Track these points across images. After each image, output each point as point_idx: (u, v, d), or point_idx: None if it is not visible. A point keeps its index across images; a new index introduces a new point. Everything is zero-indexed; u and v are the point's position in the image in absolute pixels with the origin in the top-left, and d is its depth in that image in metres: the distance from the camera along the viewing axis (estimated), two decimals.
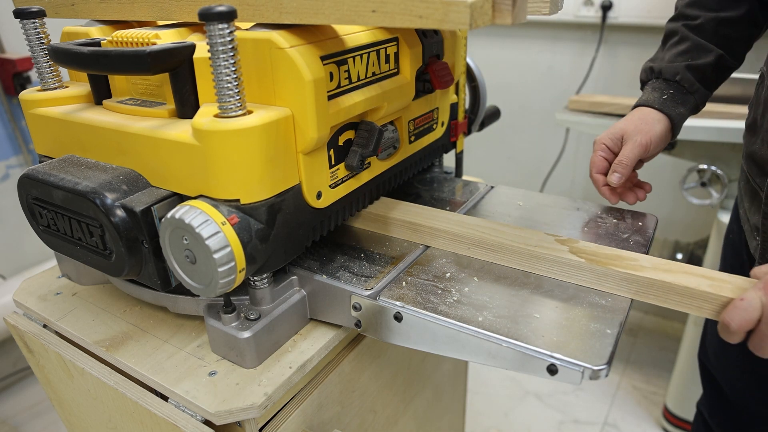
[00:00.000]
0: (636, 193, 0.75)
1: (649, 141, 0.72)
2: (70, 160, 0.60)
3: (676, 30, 0.80)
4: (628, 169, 0.71)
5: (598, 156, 0.75)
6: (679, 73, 0.77)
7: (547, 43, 1.90)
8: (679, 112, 0.76)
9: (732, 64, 0.79)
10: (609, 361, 0.47)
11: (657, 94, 0.77)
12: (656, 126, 0.74)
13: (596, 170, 0.75)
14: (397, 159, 0.70)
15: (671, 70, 0.78)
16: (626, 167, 0.71)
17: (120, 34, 0.59)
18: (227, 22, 0.45)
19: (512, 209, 0.76)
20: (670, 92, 0.77)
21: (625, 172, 0.71)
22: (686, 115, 0.77)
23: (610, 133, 0.75)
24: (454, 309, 0.54)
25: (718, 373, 0.89)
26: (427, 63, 0.67)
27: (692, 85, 0.77)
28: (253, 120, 0.48)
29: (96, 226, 0.54)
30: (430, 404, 0.94)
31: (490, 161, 2.20)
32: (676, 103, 0.76)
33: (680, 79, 0.77)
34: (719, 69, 0.78)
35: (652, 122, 0.74)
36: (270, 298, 0.58)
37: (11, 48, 1.64)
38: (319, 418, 0.63)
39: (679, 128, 0.77)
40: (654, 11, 1.62)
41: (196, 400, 0.53)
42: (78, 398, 0.70)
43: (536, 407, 1.64)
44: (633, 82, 1.76)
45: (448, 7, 0.41)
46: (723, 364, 0.88)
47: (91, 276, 0.72)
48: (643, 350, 1.83)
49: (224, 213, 0.49)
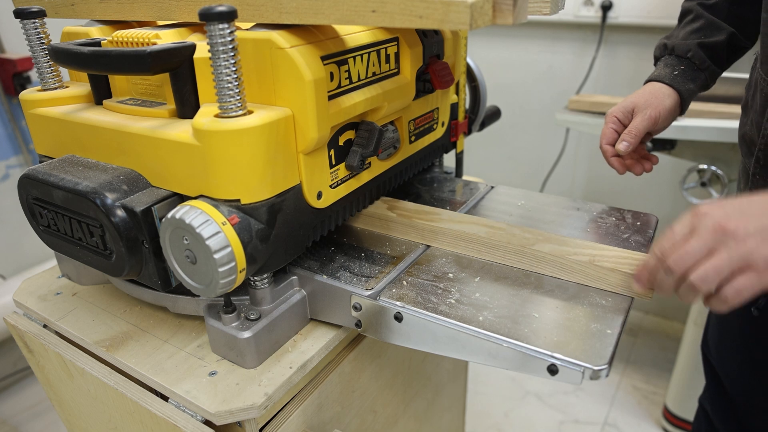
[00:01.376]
0: (643, 164, 0.78)
1: (658, 114, 0.74)
2: (70, 160, 0.60)
3: (691, 8, 0.83)
4: (636, 139, 0.74)
5: (609, 128, 0.77)
6: (691, 50, 0.79)
7: (547, 43, 1.90)
8: (689, 88, 0.78)
9: (744, 44, 0.81)
10: (609, 361, 0.47)
11: (668, 70, 0.79)
12: (666, 100, 0.76)
13: (606, 141, 0.77)
14: (398, 159, 0.70)
15: (683, 47, 0.80)
16: (634, 137, 0.74)
17: (120, 34, 0.59)
18: (227, 22, 0.45)
19: (512, 209, 0.76)
20: (681, 68, 0.79)
21: (633, 141, 0.74)
22: (695, 92, 0.79)
23: (621, 106, 0.77)
24: (454, 309, 0.54)
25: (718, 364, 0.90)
26: (427, 63, 0.67)
27: (703, 62, 0.78)
28: (253, 120, 0.48)
29: (96, 226, 0.54)
30: (430, 404, 0.94)
31: (490, 161, 2.20)
32: (687, 79, 0.78)
33: (692, 55, 0.79)
34: (731, 48, 0.80)
35: (662, 96, 0.76)
36: (270, 298, 0.58)
37: (11, 48, 1.64)
38: (319, 418, 0.63)
39: (687, 104, 0.79)
40: (654, 11, 1.62)
41: (196, 400, 0.53)
42: (78, 398, 0.70)
43: (536, 407, 1.64)
44: (633, 82, 1.76)
45: (448, 7, 0.41)
46: (722, 356, 0.88)
47: (91, 276, 0.72)
48: (643, 350, 1.83)
49: (225, 213, 0.49)
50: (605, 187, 1.97)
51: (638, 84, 0.84)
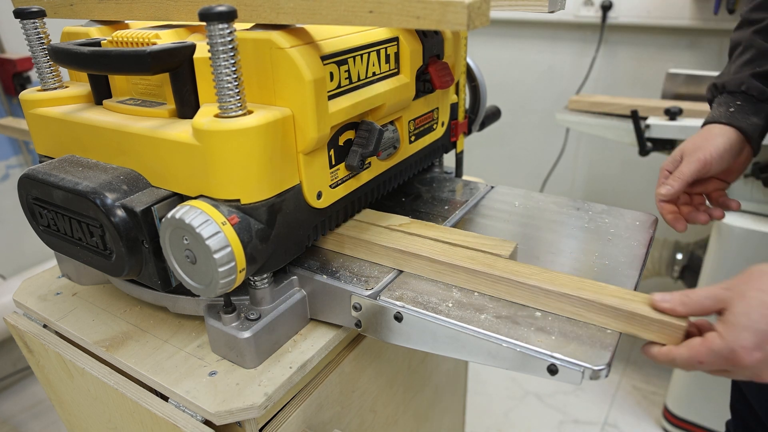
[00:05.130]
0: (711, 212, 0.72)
1: (709, 156, 0.68)
2: (70, 160, 0.60)
3: (740, 39, 0.76)
4: (680, 183, 0.69)
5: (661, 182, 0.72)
6: (744, 82, 0.72)
7: (547, 43, 1.90)
8: (752, 122, 0.71)
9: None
10: (609, 361, 0.47)
11: (723, 109, 0.73)
12: (717, 140, 0.69)
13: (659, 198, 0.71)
14: (398, 159, 0.70)
15: (735, 81, 0.74)
16: (678, 180, 0.69)
17: (120, 34, 0.59)
18: (227, 22, 0.45)
19: (512, 209, 0.76)
20: (738, 104, 0.73)
21: (675, 184, 0.69)
22: (763, 125, 0.72)
23: (671, 157, 0.72)
24: (454, 309, 0.54)
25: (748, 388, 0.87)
26: (427, 63, 0.67)
27: (762, 93, 0.72)
28: (253, 120, 0.48)
29: (96, 226, 0.54)
30: (430, 404, 0.94)
31: (490, 161, 2.20)
32: (746, 114, 0.71)
33: (746, 88, 0.72)
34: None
35: (713, 137, 0.70)
36: (270, 298, 0.58)
37: (11, 48, 1.64)
38: (319, 418, 0.63)
39: (757, 139, 0.72)
40: (654, 11, 1.61)
41: (196, 400, 0.53)
42: (78, 398, 0.70)
43: (536, 407, 1.64)
44: (633, 82, 1.76)
45: (446, 8, 0.41)
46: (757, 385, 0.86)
47: (91, 276, 0.72)
48: None
49: (224, 213, 0.49)
50: (605, 187, 1.97)
51: (638, 84, 0.83)
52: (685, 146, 0.72)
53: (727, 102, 0.74)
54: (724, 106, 0.73)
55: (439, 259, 0.58)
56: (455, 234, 0.63)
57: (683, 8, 1.56)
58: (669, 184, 0.69)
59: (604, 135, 1.39)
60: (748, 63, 0.74)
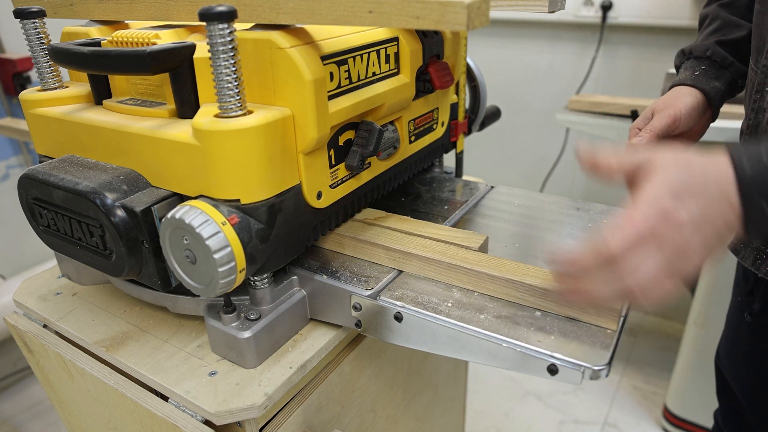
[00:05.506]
0: None
1: (679, 112, 0.71)
2: (70, 160, 0.60)
3: (707, 12, 0.81)
4: (651, 135, 0.70)
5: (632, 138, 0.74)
6: (709, 48, 0.76)
7: (547, 43, 1.90)
8: (714, 86, 0.75)
9: None
10: (609, 361, 0.47)
11: (689, 72, 0.77)
12: (686, 98, 0.73)
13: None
14: (397, 159, 0.70)
15: (701, 47, 0.77)
16: (649, 132, 0.70)
17: (120, 34, 0.59)
18: (227, 22, 0.45)
19: (512, 209, 0.76)
20: (702, 68, 0.77)
21: (646, 136, 0.70)
22: (724, 91, 0.76)
23: (642, 115, 0.75)
24: (454, 309, 0.54)
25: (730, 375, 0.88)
26: (427, 63, 0.67)
27: (725, 59, 0.76)
28: (253, 120, 0.48)
29: (96, 226, 0.54)
30: (430, 404, 0.94)
31: (490, 161, 2.20)
32: (710, 78, 0.75)
33: (711, 54, 0.76)
34: None
35: (682, 95, 0.73)
36: (270, 298, 0.58)
37: (11, 48, 1.64)
38: (319, 418, 0.64)
39: (716, 102, 0.75)
40: (654, 11, 1.61)
41: (196, 400, 0.53)
42: (78, 398, 0.70)
43: (536, 407, 1.64)
44: (633, 82, 1.77)
45: (445, 8, 0.41)
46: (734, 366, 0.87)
47: (91, 276, 0.72)
48: (643, 350, 1.83)
49: (224, 213, 0.49)
50: (605, 187, 1.97)
51: (638, 84, 0.84)
52: (656, 104, 0.75)
53: (693, 66, 0.78)
54: (690, 70, 0.77)
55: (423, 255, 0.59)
56: (429, 227, 0.65)
57: (683, 8, 1.56)
58: (641, 136, 0.71)
59: (604, 135, 1.39)
60: (714, 32, 0.78)
